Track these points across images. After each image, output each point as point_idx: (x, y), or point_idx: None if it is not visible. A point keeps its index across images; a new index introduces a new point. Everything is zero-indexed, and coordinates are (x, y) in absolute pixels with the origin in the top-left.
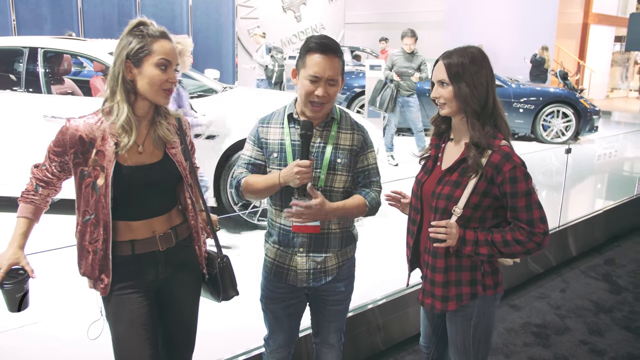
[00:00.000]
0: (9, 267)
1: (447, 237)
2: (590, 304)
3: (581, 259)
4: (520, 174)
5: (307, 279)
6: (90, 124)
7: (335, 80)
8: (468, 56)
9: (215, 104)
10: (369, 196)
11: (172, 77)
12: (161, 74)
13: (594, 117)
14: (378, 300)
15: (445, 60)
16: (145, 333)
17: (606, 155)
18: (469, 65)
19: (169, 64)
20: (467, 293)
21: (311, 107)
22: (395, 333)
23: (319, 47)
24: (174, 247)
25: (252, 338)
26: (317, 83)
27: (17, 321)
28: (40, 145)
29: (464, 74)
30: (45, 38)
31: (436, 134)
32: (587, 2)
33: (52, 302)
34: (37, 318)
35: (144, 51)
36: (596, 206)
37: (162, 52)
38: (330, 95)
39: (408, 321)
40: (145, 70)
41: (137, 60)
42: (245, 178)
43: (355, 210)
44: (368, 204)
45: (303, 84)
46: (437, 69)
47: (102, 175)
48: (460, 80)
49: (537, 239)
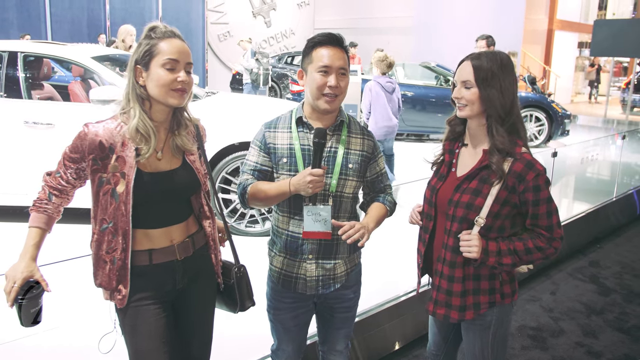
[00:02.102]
0: (23, 282)
1: (470, 249)
2: (581, 305)
3: (566, 260)
4: (542, 182)
5: (316, 286)
6: (110, 128)
7: (345, 70)
8: (498, 62)
9: (199, 110)
10: (387, 200)
11: (182, 76)
12: (168, 73)
13: (566, 121)
14: (380, 305)
15: (473, 61)
16: (164, 346)
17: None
18: (498, 71)
19: (175, 63)
20: (486, 302)
21: (325, 99)
22: (396, 338)
23: (326, 40)
24: (191, 256)
25: (257, 346)
26: (329, 74)
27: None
28: (22, 151)
29: (493, 79)
30: (26, 42)
31: (450, 139)
32: (551, 9)
33: (61, 314)
34: (45, 328)
35: (150, 53)
36: (578, 209)
37: (168, 52)
38: (342, 87)
39: (406, 327)
40: (152, 73)
41: (145, 63)
42: (252, 185)
43: (382, 219)
44: (388, 209)
45: (314, 78)
46: (462, 70)
47: (123, 182)
48: (488, 84)
49: (556, 244)
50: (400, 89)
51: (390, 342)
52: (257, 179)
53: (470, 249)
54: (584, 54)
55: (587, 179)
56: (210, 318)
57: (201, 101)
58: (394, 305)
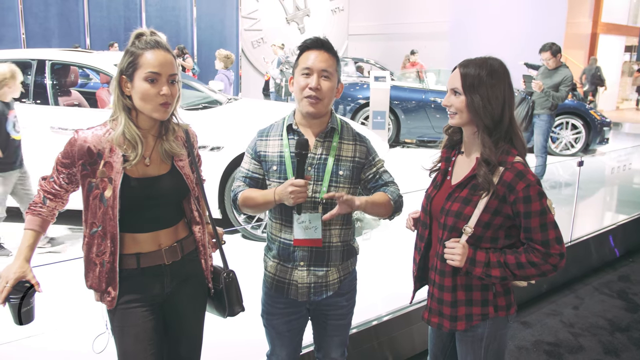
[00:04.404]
0: (15, 281)
1: (454, 257)
2: (605, 322)
3: (594, 275)
4: (534, 192)
5: (307, 293)
6: (98, 135)
7: (329, 72)
8: (486, 68)
9: (220, 115)
10: (388, 190)
11: (164, 90)
12: (150, 87)
13: (605, 129)
14: (383, 316)
15: (462, 68)
16: (151, 348)
17: (619, 169)
18: (485, 78)
19: (157, 76)
20: (478, 314)
21: (307, 101)
22: (402, 350)
23: (311, 44)
24: (179, 260)
25: (253, 352)
26: (310, 76)
27: (21, 332)
28: (48, 156)
29: (480, 86)
30: (53, 50)
31: (447, 146)
32: (596, 12)
33: (56, 315)
34: (42, 330)
35: (133, 65)
36: (609, 221)
37: (150, 65)
38: (324, 91)
39: (413, 338)
40: (136, 85)
41: (129, 75)
42: (242, 192)
43: (380, 204)
44: (391, 197)
45: (297, 81)
46: (452, 77)
47: (110, 187)
48: (474, 91)
49: (553, 261)
50: (430, 95)
51: (395, 353)
52: (249, 186)
53: (453, 256)
54: (632, 58)
55: (622, 189)
56: (199, 322)
57: (222, 107)
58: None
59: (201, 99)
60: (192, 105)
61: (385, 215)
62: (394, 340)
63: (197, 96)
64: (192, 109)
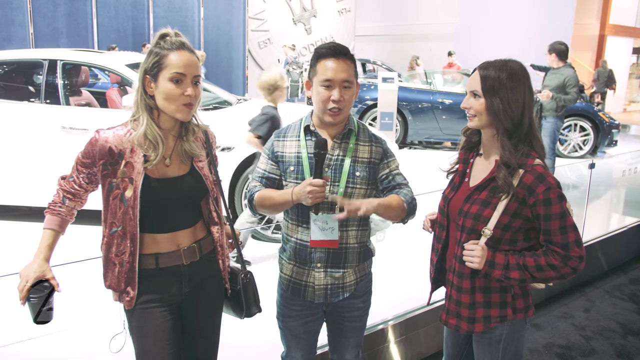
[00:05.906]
0: (35, 280)
1: (473, 259)
2: (617, 325)
3: (604, 277)
4: (554, 195)
5: (324, 295)
6: (119, 135)
7: (350, 82)
8: (506, 70)
9: (230, 116)
10: (401, 192)
11: (189, 91)
12: (175, 88)
13: (613, 131)
14: (397, 317)
15: (481, 71)
16: (169, 348)
17: (631, 171)
18: (506, 81)
19: (182, 77)
20: (496, 316)
21: (329, 113)
22: (416, 351)
23: (330, 52)
24: (197, 261)
25: (268, 353)
26: (332, 87)
27: (38, 331)
28: (59, 155)
29: (500, 89)
30: (64, 50)
31: (466, 148)
32: (604, 13)
33: (74, 314)
34: (59, 328)
35: (158, 65)
36: (620, 223)
37: (175, 66)
38: (347, 100)
39: (427, 339)
40: (160, 85)
41: (154, 75)
42: (259, 192)
43: (393, 206)
44: (404, 200)
45: (318, 91)
46: (471, 79)
47: (131, 187)
48: (494, 94)
49: (573, 264)
50: (438, 96)
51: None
52: (265, 186)
53: (472, 259)
54: None
55: (632, 192)
56: (216, 322)
57: (232, 107)
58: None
59: (211, 99)
60: (203, 105)
61: (398, 218)
62: (408, 341)
63: (207, 97)
64: (203, 110)
